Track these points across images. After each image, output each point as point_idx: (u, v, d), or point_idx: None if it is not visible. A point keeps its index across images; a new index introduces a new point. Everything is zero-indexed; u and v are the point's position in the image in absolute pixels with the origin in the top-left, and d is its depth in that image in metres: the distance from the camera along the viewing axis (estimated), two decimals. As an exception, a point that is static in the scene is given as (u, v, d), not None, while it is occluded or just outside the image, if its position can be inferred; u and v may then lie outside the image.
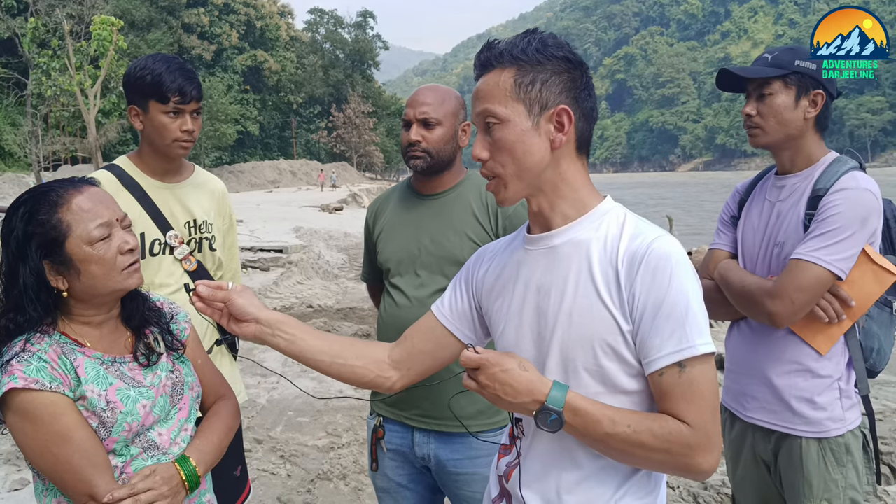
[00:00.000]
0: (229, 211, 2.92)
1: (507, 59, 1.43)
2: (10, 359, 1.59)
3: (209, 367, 2.00)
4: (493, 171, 1.47)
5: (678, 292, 1.35)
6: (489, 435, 2.37)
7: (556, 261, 1.48)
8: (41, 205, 1.65)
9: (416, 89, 2.51)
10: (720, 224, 2.57)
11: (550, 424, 1.36)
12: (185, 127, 2.53)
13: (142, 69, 2.50)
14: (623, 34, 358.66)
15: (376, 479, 2.57)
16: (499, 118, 1.42)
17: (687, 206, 52.55)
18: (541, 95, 1.42)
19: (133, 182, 2.59)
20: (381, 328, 2.52)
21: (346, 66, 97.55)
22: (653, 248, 1.37)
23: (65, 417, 1.58)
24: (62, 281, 1.66)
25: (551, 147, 1.44)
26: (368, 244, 2.69)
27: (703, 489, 4.09)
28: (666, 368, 1.35)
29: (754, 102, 2.29)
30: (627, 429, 1.34)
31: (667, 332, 1.34)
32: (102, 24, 30.42)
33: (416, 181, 2.55)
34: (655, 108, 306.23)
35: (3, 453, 4.68)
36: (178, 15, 77.97)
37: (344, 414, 5.58)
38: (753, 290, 2.22)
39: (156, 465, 1.67)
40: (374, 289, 2.77)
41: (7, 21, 49.58)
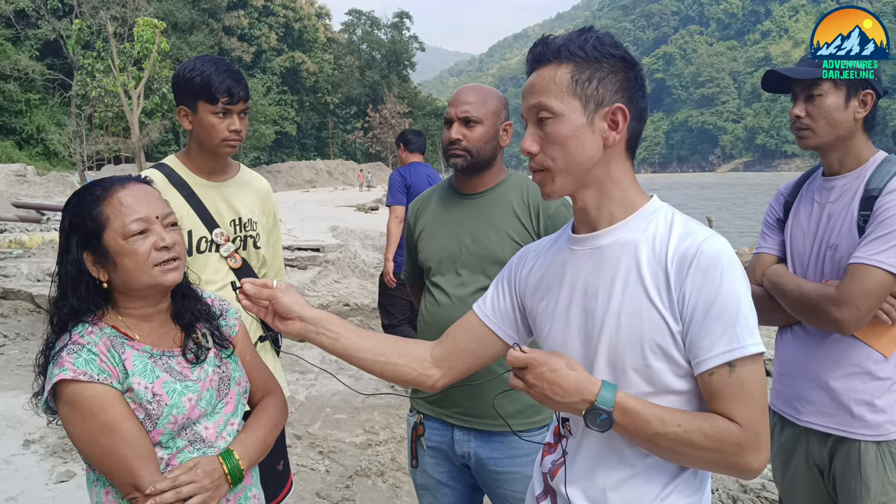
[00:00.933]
0: (273, 209, 2.96)
1: (563, 55, 1.44)
2: (61, 350, 1.65)
3: (258, 363, 2.03)
4: (543, 164, 1.46)
5: (729, 292, 1.35)
6: (529, 434, 2.37)
7: (603, 261, 1.48)
8: (86, 198, 1.72)
9: (459, 88, 2.52)
10: (765, 227, 2.53)
11: (600, 424, 1.37)
12: (233, 127, 2.59)
13: (191, 70, 2.55)
14: (662, 33, 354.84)
15: (416, 476, 2.59)
16: (553, 112, 1.43)
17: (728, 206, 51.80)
18: (597, 93, 1.42)
19: (181, 181, 2.64)
20: (423, 327, 2.54)
21: (382, 67, 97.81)
22: (703, 249, 1.37)
23: (112, 409, 1.62)
24: (102, 272, 1.71)
25: (603, 145, 1.44)
26: (410, 243, 2.70)
27: (742, 492, 4.05)
28: (716, 368, 1.35)
29: (803, 104, 2.26)
30: (678, 428, 1.35)
31: (717, 333, 1.34)
32: (145, 26, 30.86)
33: (457, 180, 2.55)
34: (695, 108, 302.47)
35: (49, 446, 4.79)
36: (219, 17, 78.88)
37: (381, 411, 5.62)
38: (814, 298, 2.17)
39: (199, 458, 1.71)
40: (416, 288, 2.79)
41: (53, 23, 50.61)
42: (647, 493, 1.46)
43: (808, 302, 2.20)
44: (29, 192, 30.65)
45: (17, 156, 52.63)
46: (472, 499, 2.59)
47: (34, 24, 56.92)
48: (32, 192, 31.24)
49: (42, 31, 56.22)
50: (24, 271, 10.67)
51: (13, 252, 13.25)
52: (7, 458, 4.62)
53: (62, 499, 4.09)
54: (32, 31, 57.90)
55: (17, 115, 56.88)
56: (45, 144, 57.60)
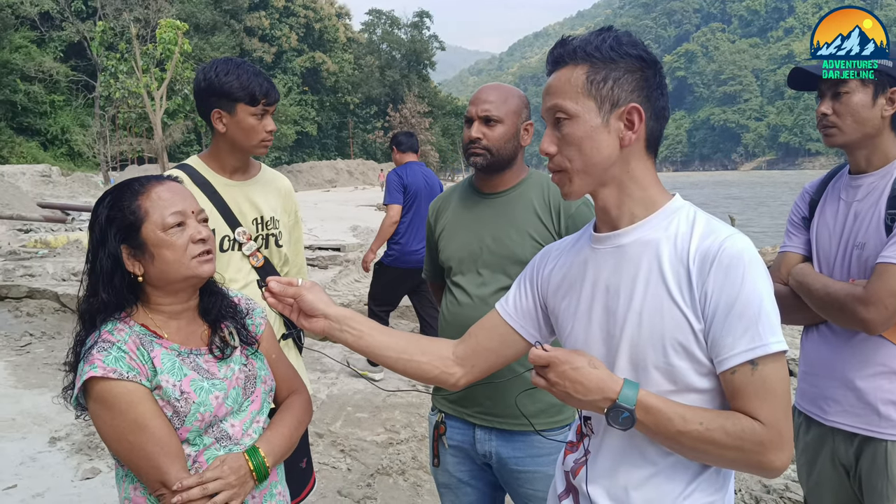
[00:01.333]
0: (295, 208, 2.99)
1: (580, 56, 1.45)
2: (92, 347, 1.67)
3: (283, 361, 2.05)
4: (560, 165, 1.48)
5: (751, 291, 1.35)
6: (551, 433, 2.37)
7: (624, 260, 1.48)
8: (124, 193, 1.75)
9: (480, 87, 2.52)
10: (790, 226, 2.51)
11: (622, 422, 1.37)
12: (269, 127, 2.65)
13: (226, 74, 2.58)
14: (683, 31, 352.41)
15: (438, 475, 2.59)
16: (568, 114, 1.44)
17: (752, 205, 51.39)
18: (612, 93, 1.43)
19: (204, 180, 2.67)
20: (443, 326, 2.54)
21: (402, 67, 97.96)
22: (725, 247, 1.37)
23: (141, 406, 1.65)
24: (138, 266, 1.74)
25: (620, 145, 1.44)
26: (430, 242, 2.71)
27: (765, 492, 4.01)
28: (738, 367, 1.35)
29: (829, 101, 2.24)
30: (699, 426, 1.34)
31: (739, 331, 1.34)
32: (168, 28, 31.18)
33: (477, 180, 2.55)
34: (717, 106, 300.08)
35: (75, 443, 4.85)
36: (241, 18, 79.36)
37: (402, 410, 5.63)
38: (842, 297, 2.15)
39: (225, 456, 1.72)
40: (437, 287, 2.79)
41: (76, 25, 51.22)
42: (669, 492, 1.46)
43: (834, 301, 2.18)
44: (54, 193, 31.02)
45: (43, 156, 53.31)
46: (493, 497, 2.59)
47: (58, 25, 57.64)
48: (57, 192, 31.62)
49: (66, 32, 56.94)
50: (49, 271, 10.80)
51: (39, 252, 13.41)
52: (33, 455, 4.68)
53: (88, 495, 4.14)
54: (56, 33, 58.62)
55: (42, 117, 57.57)
56: (70, 145, 58.28)
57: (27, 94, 55.23)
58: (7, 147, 52.94)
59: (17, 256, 12.97)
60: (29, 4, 54.90)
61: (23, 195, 22.47)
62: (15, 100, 54.22)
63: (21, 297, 9.29)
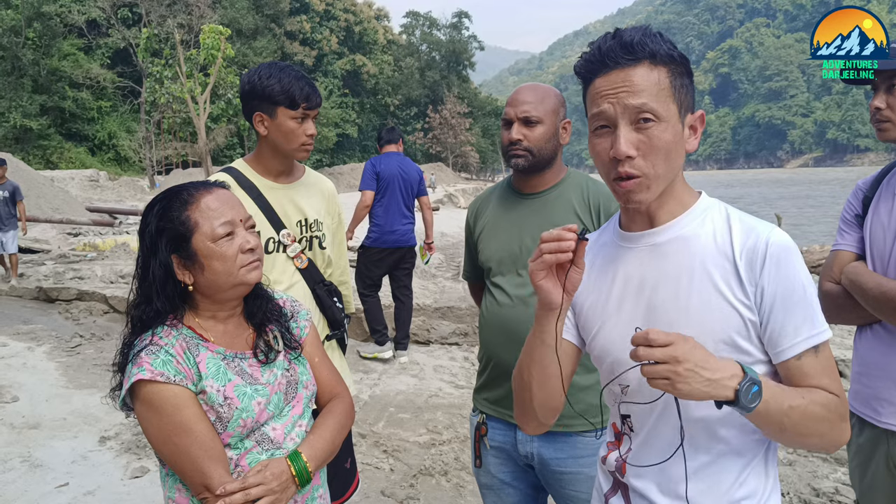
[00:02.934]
0: (338, 210, 3.00)
1: (659, 57, 1.38)
2: (140, 350, 1.69)
3: (326, 365, 2.05)
4: (641, 170, 1.37)
5: (804, 280, 1.39)
6: (592, 435, 2.36)
7: (661, 257, 1.47)
8: (173, 203, 1.76)
9: (516, 88, 2.50)
10: (843, 224, 2.44)
11: (752, 398, 1.28)
12: (310, 131, 2.65)
13: (269, 77, 2.60)
14: (727, 27, 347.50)
15: (480, 476, 2.58)
16: (659, 117, 1.36)
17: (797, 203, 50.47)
18: (686, 98, 1.41)
19: (249, 183, 2.69)
20: (484, 326, 2.53)
21: (441, 68, 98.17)
22: (772, 242, 1.38)
23: (187, 410, 1.66)
24: (188, 275, 1.75)
25: (686, 151, 1.44)
26: (469, 243, 2.70)
27: (814, 496, 3.93)
28: (804, 353, 1.38)
29: (884, 95, 2.18)
30: (803, 400, 1.35)
31: (800, 319, 1.38)
32: (211, 33, 31.63)
33: (516, 180, 2.54)
34: (762, 103, 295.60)
35: (124, 442, 4.94)
36: (282, 23, 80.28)
37: (444, 411, 5.63)
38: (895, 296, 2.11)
39: (268, 461, 1.73)
40: (476, 287, 2.78)
41: (122, 31, 52.34)
42: (723, 480, 1.46)
43: (889, 300, 2.12)
44: (102, 197, 31.72)
45: (90, 162, 54.62)
46: (536, 499, 2.58)
47: (105, 33, 58.99)
48: (105, 196, 32.33)
49: (112, 39, 58.25)
50: (97, 273, 11.03)
51: (88, 255, 13.72)
52: (84, 454, 4.78)
53: (137, 494, 4.22)
54: (103, 40, 60.02)
55: (90, 123, 58.99)
56: (117, 150, 59.64)
57: (75, 101, 56.64)
58: (57, 153, 54.35)
59: (66, 259, 13.28)
60: (76, 13, 56.35)
61: (72, 200, 23.02)
62: (64, 106, 55.66)
63: (71, 300, 9.51)
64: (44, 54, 54.24)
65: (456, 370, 6.70)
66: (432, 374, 6.63)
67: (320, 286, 2.80)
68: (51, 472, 4.49)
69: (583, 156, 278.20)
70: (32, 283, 10.39)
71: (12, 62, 52.30)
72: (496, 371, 2.46)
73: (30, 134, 52.57)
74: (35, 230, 16.56)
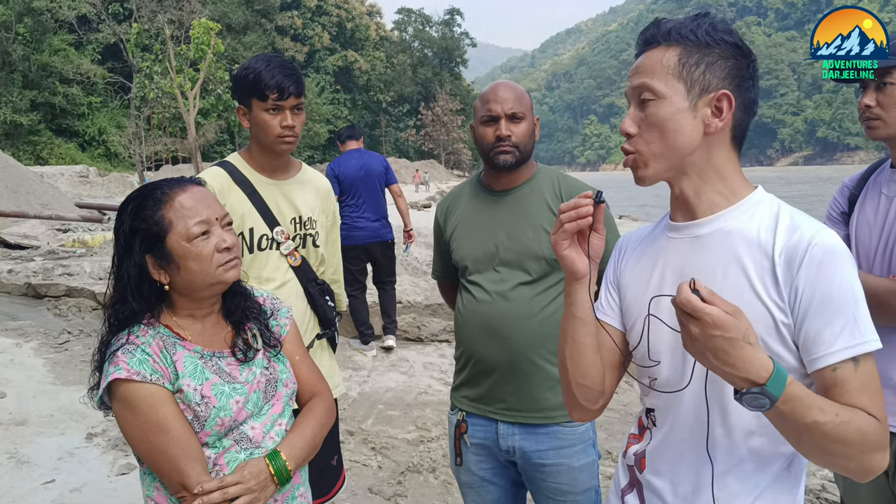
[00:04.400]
0: (333, 208, 2.97)
1: (674, 38, 1.40)
2: (117, 350, 1.68)
3: (307, 363, 2.03)
4: (637, 146, 1.42)
5: (847, 287, 1.30)
6: (573, 426, 2.38)
7: (702, 249, 1.43)
8: (147, 202, 1.73)
9: (492, 86, 2.47)
10: (828, 221, 2.45)
11: (756, 407, 1.21)
12: (285, 122, 2.57)
13: (245, 69, 2.58)
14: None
15: (460, 475, 2.58)
16: (656, 94, 1.38)
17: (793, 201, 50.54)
18: (703, 77, 1.38)
19: (244, 178, 2.66)
20: (462, 324, 2.51)
21: (434, 65, 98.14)
22: (816, 242, 1.31)
23: (163, 409, 1.65)
24: (164, 275, 1.73)
25: (704, 132, 1.39)
26: (440, 242, 2.67)
27: (803, 494, 3.94)
28: (840, 363, 1.29)
29: (873, 93, 2.18)
30: (836, 418, 1.23)
31: (838, 327, 1.29)
32: (201, 29, 31.48)
33: (488, 178, 2.52)
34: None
35: (111, 439, 4.91)
36: (273, 18, 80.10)
37: (433, 408, 5.62)
38: (882, 294, 2.10)
39: (247, 461, 1.73)
40: (447, 286, 2.77)
41: (113, 27, 52.10)
42: (739, 492, 1.41)
43: (874, 297, 2.12)
44: (91, 193, 31.59)
45: (80, 157, 54.42)
46: (516, 494, 2.59)
47: (95, 28, 58.73)
48: (94, 192, 32.20)
49: (103, 35, 58.01)
50: (86, 269, 10.97)
51: (77, 251, 13.65)
52: (71, 451, 4.75)
53: (123, 490, 4.19)
54: (94, 36, 59.76)
55: (80, 118, 58.75)
56: (107, 146, 59.41)
57: (65, 97, 56.41)
58: (47, 148, 54.13)
59: (55, 255, 13.21)
60: (67, 8, 56.03)
61: (61, 195, 22.88)
62: (54, 102, 55.43)
63: (59, 296, 9.45)
64: (34, 50, 54.01)
65: (446, 367, 6.69)
66: (422, 371, 6.63)
67: (313, 284, 2.79)
68: (37, 469, 4.46)
69: (575, 153, 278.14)
70: (21, 279, 10.32)
71: (2, 58, 52.09)
72: (477, 368, 2.45)
73: (20, 129, 52.32)
74: (24, 226, 16.46)
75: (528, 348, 2.34)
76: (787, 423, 1.24)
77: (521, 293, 2.37)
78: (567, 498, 2.38)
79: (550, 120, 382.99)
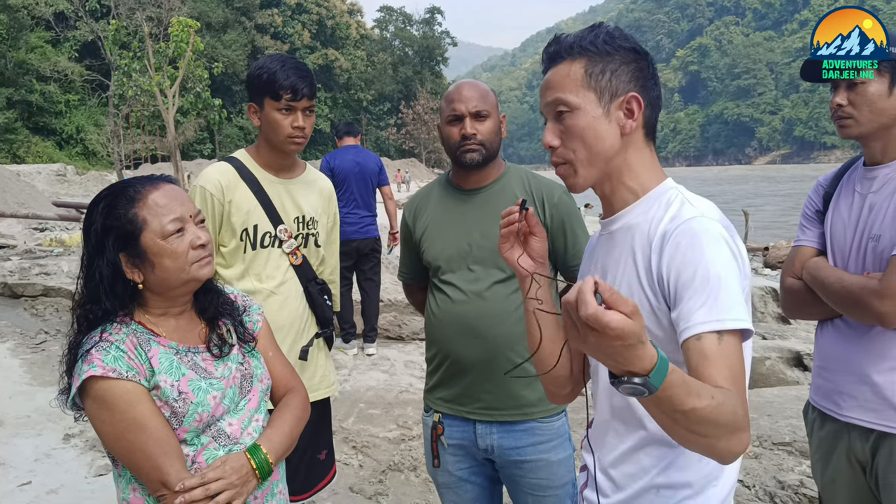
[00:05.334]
0: (335, 210, 3.01)
1: (576, 51, 1.48)
2: (90, 348, 1.66)
3: (280, 360, 2.03)
4: (565, 157, 1.49)
5: (708, 267, 1.32)
6: (550, 420, 2.41)
7: (612, 245, 1.54)
8: (119, 200, 1.72)
9: (456, 85, 2.49)
10: (804, 220, 2.47)
11: (631, 395, 1.16)
12: (296, 124, 2.62)
13: (259, 68, 2.62)
14: (696, 25, 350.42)
15: (437, 476, 2.58)
16: (570, 106, 1.46)
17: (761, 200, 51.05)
18: (611, 84, 1.46)
19: (250, 175, 2.70)
20: (436, 325, 2.50)
21: (414, 63, 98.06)
22: (682, 226, 1.37)
23: (140, 406, 1.64)
24: (138, 273, 1.72)
25: (621, 133, 1.47)
26: (409, 244, 2.66)
27: (780, 489, 3.98)
28: (704, 334, 1.28)
29: (844, 92, 2.20)
30: (712, 401, 1.19)
31: (698, 303, 1.30)
32: (180, 26, 31.23)
33: (457, 177, 2.53)
34: (730, 100, 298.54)
35: (88, 440, 4.87)
36: (252, 16, 79.70)
37: (414, 407, 5.62)
38: (856, 291, 2.12)
39: (227, 456, 1.72)
40: (414, 288, 2.76)
41: (90, 24, 51.54)
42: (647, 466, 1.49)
43: (849, 295, 2.15)
44: (69, 192, 31.26)
45: (58, 156, 53.83)
46: (492, 492, 2.60)
47: (73, 25, 58.07)
48: (72, 191, 31.87)
49: (80, 32, 57.37)
50: (64, 269, 10.86)
51: (54, 250, 13.51)
52: (48, 452, 4.71)
53: (101, 492, 4.16)
54: (71, 33, 59.10)
55: (58, 116, 58.12)
56: (85, 144, 58.82)
57: (43, 95, 55.77)
58: (23, 147, 53.48)
59: (32, 255, 13.07)
60: (44, 5, 55.38)
61: (38, 194, 22.65)
62: (31, 100, 54.78)
63: (37, 296, 9.36)
64: (10, 47, 53.32)
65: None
66: (403, 370, 6.63)
67: (312, 284, 2.81)
68: (13, 471, 4.42)
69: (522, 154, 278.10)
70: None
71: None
72: (452, 369, 2.45)
73: (-5, 129, 51.63)
74: (0, 225, 16.27)
75: (505, 346, 2.35)
76: (664, 409, 1.20)
77: (496, 292, 2.38)
78: (546, 493, 2.40)
79: (531, 119, 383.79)
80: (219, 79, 58.20)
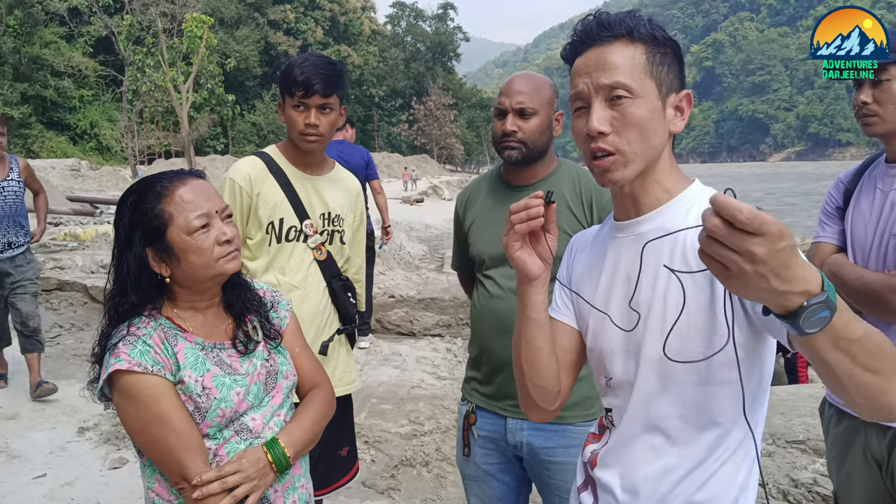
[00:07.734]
0: (361, 209, 3.02)
1: (636, 35, 1.36)
2: (118, 342, 1.68)
3: (307, 355, 2.03)
4: (617, 146, 1.35)
5: None
6: (583, 425, 2.35)
7: (645, 247, 1.42)
8: (147, 195, 1.73)
9: (511, 77, 2.43)
10: (824, 216, 2.44)
11: (817, 322, 0.99)
12: (308, 121, 2.61)
13: (286, 66, 2.66)
14: (711, 21, 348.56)
15: (465, 467, 2.56)
16: (633, 93, 1.34)
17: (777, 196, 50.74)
18: (668, 77, 1.37)
19: (279, 169, 2.73)
20: (476, 318, 2.52)
21: (427, 59, 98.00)
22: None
23: (165, 400, 1.65)
24: (164, 268, 1.73)
25: (670, 131, 1.39)
26: (459, 234, 2.66)
27: (793, 486, 3.96)
28: None
29: (869, 89, 2.18)
30: (869, 326, 1.07)
31: None
32: (194, 22, 31.36)
33: (507, 172, 2.49)
34: (745, 97, 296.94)
35: (103, 433, 4.90)
36: (265, 12, 79.80)
37: (426, 402, 5.62)
38: (878, 288, 2.11)
39: (245, 450, 1.73)
40: (466, 278, 2.76)
41: (104, 20, 51.82)
42: (681, 482, 1.41)
43: (870, 292, 2.13)
44: (83, 186, 31.42)
45: (72, 151, 54.12)
46: (519, 492, 2.56)
47: (87, 21, 58.34)
48: (86, 186, 32.02)
49: (94, 27, 57.65)
50: (78, 263, 10.92)
51: (68, 245, 13.59)
52: (63, 445, 4.74)
53: (115, 485, 4.19)
54: (85, 28, 59.38)
55: (72, 112, 58.42)
56: (99, 139, 59.11)
57: (57, 90, 56.08)
58: (38, 142, 53.82)
59: (47, 249, 13.14)
60: (58, 0, 55.65)
61: (53, 189, 22.75)
62: (45, 95, 55.09)
63: (51, 290, 9.40)
64: (25, 42, 53.60)
65: (438, 361, 6.70)
66: (415, 366, 6.63)
67: (336, 280, 2.83)
68: (28, 464, 4.45)
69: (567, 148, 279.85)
70: (11, 272, 10.26)
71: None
72: (489, 364, 2.44)
73: (11, 123, 51.82)
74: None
75: None
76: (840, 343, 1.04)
77: None
78: None
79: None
80: (231, 75, 58.38)
